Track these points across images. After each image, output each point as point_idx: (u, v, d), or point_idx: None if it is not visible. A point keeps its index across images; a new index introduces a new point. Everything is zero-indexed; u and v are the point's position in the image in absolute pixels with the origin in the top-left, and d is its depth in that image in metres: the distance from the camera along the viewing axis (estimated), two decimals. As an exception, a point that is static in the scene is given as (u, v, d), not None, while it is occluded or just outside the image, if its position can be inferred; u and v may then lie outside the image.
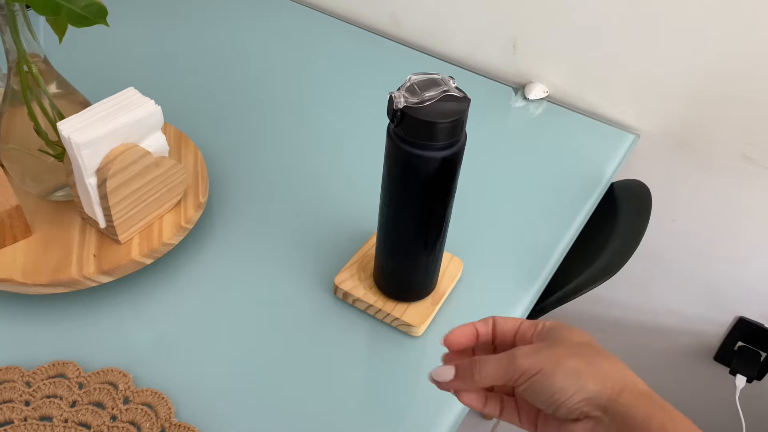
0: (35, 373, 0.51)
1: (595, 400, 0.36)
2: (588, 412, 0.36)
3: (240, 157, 0.73)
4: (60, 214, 0.60)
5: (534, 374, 0.36)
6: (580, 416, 0.36)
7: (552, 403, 0.36)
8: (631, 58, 0.79)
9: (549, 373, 0.36)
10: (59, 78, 0.57)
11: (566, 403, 0.36)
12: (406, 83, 0.45)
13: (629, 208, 0.75)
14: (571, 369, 0.36)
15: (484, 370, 0.38)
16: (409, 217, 0.51)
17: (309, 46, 0.92)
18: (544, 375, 0.36)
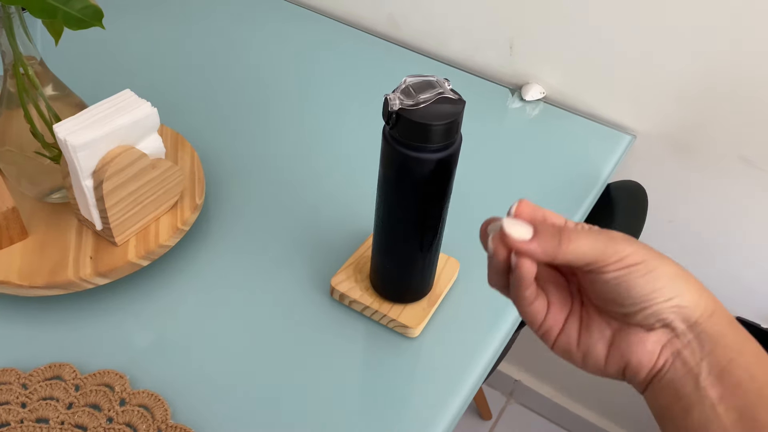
0: (32, 375, 0.51)
1: (687, 311, 0.33)
2: (671, 322, 0.33)
3: (236, 159, 0.73)
4: (56, 216, 0.60)
5: (634, 264, 0.32)
6: (659, 324, 0.33)
7: (642, 301, 0.32)
8: (627, 60, 0.79)
9: (652, 267, 0.32)
10: (55, 80, 0.58)
11: (658, 306, 0.32)
12: (401, 85, 0.45)
13: (626, 208, 0.75)
14: (674, 272, 0.33)
15: (576, 241, 0.33)
16: (405, 218, 0.51)
17: (307, 47, 0.92)
18: (647, 268, 0.32)
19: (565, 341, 0.36)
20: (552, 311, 0.37)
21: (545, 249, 0.33)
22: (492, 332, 0.58)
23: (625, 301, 0.33)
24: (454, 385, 0.54)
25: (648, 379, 0.34)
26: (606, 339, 0.35)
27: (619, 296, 0.33)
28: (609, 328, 0.35)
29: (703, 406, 0.31)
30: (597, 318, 0.36)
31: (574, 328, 0.37)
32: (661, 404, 0.33)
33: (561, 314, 0.37)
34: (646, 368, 0.34)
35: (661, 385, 0.33)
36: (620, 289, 0.33)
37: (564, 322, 0.37)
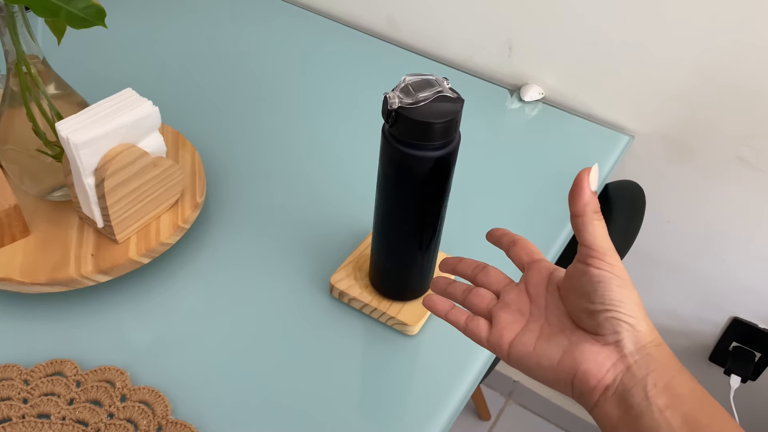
0: (33, 371, 0.52)
1: (639, 335, 0.36)
2: (623, 340, 0.36)
3: (237, 158, 0.74)
4: (58, 214, 0.61)
5: (618, 275, 0.36)
6: (613, 338, 0.36)
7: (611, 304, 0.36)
8: (625, 61, 0.79)
9: (627, 286, 0.36)
10: (58, 79, 0.58)
11: (621, 315, 0.36)
12: (400, 84, 0.46)
13: (623, 209, 0.75)
14: (639, 301, 0.37)
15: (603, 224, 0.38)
16: (404, 216, 0.51)
17: (306, 47, 0.92)
18: (624, 284, 0.36)
19: (521, 348, 0.40)
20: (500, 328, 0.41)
21: (593, 207, 0.38)
22: (490, 330, 0.59)
23: (597, 299, 0.36)
24: (452, 383, 0.55)
25: (597, 393, 0.36)
26: (562, 347, 0.38)
27: (594, 292, 0.36)
28: (567, 340, 0.38)
29: (652, 412, 0.34)
30: (558, 332, 0.39)
31: (532, 336, 0.40)
32: (612, 417, 0.36)
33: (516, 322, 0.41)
34: (595, 379, 0.36)
35: (612, 399, 0.36)
36: (599, 286, 0.36)
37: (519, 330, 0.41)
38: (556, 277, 0.42)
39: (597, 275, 0.37)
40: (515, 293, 0.43)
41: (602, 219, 0.38)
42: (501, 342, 0.41)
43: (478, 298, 0.44)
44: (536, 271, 0.43)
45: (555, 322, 0.40)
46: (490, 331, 0.42)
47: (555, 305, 0.41)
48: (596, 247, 0.37)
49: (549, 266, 0.43)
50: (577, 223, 0.38)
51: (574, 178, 0.40)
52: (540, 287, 0.42)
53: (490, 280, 0.45)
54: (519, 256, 0.45)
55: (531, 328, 0.40)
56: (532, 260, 0.44)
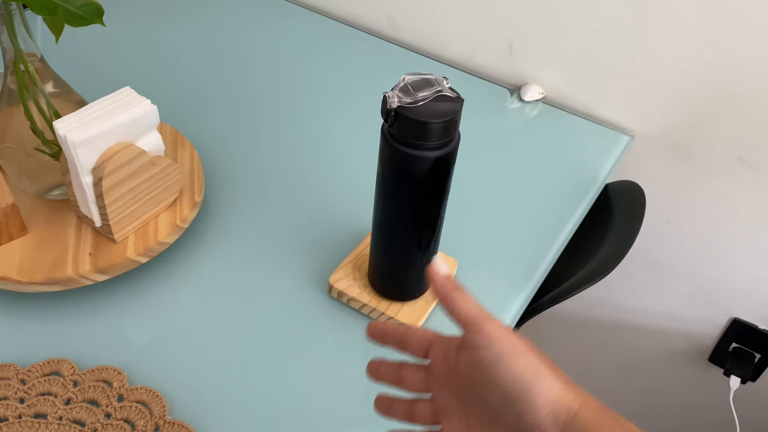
0: (30, 371, 0.52)
1: (557, 411, 0.33)
2: (543, 426, 0.32)
3: (236, 157, 0.73)
4: (56, 213, 0.60)
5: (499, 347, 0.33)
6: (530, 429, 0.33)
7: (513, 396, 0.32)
8: (626, 61, 0.79)
9: (515, 355, 0.33)
10: (56, 77, 0.58)
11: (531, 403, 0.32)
12: (399, 83, 0.46)
13: (623, 209, 0.75)
14: (535, 370, 0.33)
15: (468, 296, 0.36)
16: (403, 216, 0.51)
17: (306, 46, 0.92)
18: (511, 355, 0.33)
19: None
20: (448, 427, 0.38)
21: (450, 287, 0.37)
22: (489, 331, 0.58)
23: (498, 404, 0.33)
24: (451, 383, 0.54)
25: None
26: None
27: (493, 395, 0.33)
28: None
29: None
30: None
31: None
32: None
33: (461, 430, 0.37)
34: None
35: None
36: (494, 384, 0.33)
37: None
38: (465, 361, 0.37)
39: (480, 360, 0.34)
40: (439, 393, 0.39)
41: (464, 292, 0.37)
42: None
43: (419, 417, 0.40)
44: (440, 363, 0.39)
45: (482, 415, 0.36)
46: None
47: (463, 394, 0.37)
48: (468, 321, 0.35)
49: (448, 346, 0.38)
50: (444, 305, 0.37)
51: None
52: (449, 378, 0.38)
53: (412, 387, 0.41)
54: (413, 351, 0.41)
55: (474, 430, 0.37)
56: (427, 346, 0.40)
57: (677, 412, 1.09)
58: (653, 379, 1.07)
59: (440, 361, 0.39)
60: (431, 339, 0.40)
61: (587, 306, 1.05)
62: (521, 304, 0.62)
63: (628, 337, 1.04)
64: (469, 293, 0.37)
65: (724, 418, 1.02)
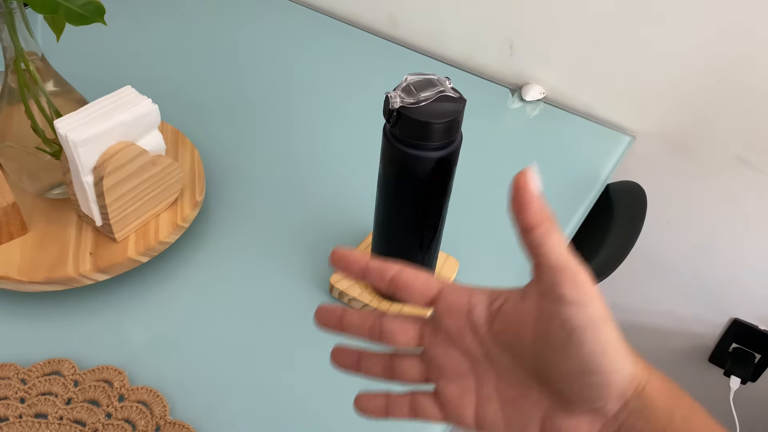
0: (31, 371, 0.51)
1: (626, 387, 0.29)
2: (606, 404, 0.29)
3: (237, 156, 0.73)
4: (56, 212, 0.60)
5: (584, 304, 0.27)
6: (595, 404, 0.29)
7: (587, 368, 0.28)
8: (627, 60, 0.79)
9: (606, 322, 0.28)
10: (56, 76, 0.58)
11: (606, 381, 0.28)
12: (402, 83, 0.46)
13: (625, 209, 0.75)
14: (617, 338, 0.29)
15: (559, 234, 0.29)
16: (405, 217, 0.51)
17: (307, 45, 0.92)
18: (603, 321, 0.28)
19: (488, 424, 0.31)
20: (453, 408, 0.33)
21: (546, 216, 0.29)
22: (490, 331, 0.58)
23: (574, 360, 0.28)
24: (452, 384, 0.54)
25: None
26: (536, 420, 0.31)
27: (568, 351, 0.28)
28: (538, 409, 0.31)
29: None
30: (522, 395, 0.31)
31: (494, 408, 0.32)
32: None
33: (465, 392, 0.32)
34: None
35: None
36: (574, 340, 0.28)
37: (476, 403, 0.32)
38: (480, 314, 0.32)
39: (570, 319, 0.28)
40: (441, 350, 0.33)
41: (558, 228, 0.30)
42: (463, 422, 0.32)
43: (406, 374, 0.34)
44: (449, 317, 0.32)
45: (509, 378, 0.31)
46: (442, 410, 0.33)
47: (496, 354, 0.31)
48: (562, 267, 0.28)
49: (460, 299, 0.32)
50: (531, 238, 0.30)
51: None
52: (464, 335, 0.32)
53: (400, 343, 0.34)
54: (412, 300, 0.33)
55: (486, 395, 0.32)
56: (430, 298, 0.33)
57: (677, 412, 1.09)
58: (653, 379, 1.07)
59: (455, 313, 0.32)
60: (440, 287, 0.33)
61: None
62: (522, 305, 0.62)
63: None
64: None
65: (724, 418, 1.02)
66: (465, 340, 0.32)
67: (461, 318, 0.32)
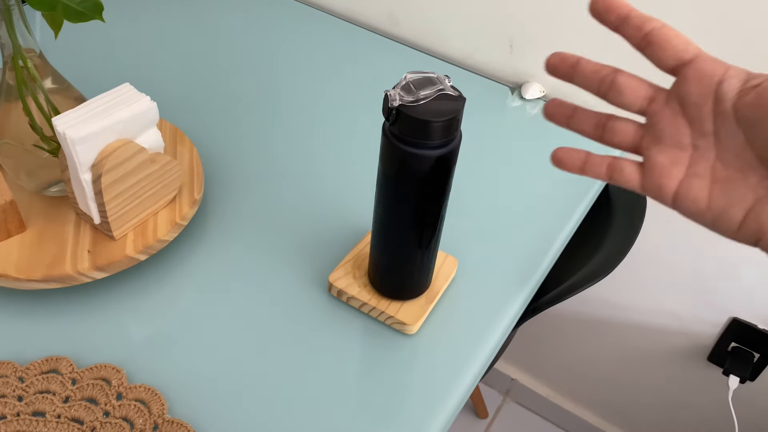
0: (28, 369, 0.51)
1: None
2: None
3: (236, 155, 0.73)
4: (54, 210, 0.60)
5: None
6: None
7: None
8: (627, 58, 0.79)
9: None
10: (54, 73, 0.57)
11: None
12: (401, 81, 0.45)
13: (624, 209, 0.75)
14: None
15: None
16: (404, 215, 0.51)
17: (306, 43, 0.92)
18: None
19: (690, 204, 0.30)
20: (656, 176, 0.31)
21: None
22: (489, 330, 0.58)
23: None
24: (451, 383, 0.54)
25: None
26: (745, 204, 0.29)
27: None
28: (752, 192, 0.29)
29: None
30: (737, 177, 0.29)
31: (701, 185, 0.30)
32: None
33: (677, 163, 0.30)
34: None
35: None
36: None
37: (684, 176, 0.30)
38: (732, 86, 0.29)
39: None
40: (667, 116, 0.31)
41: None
42: (662, 193, 0.31)
43: (618, 135, 0.32)
44: (695, 82, 0.30)
45: (731, 158, 0.29)
46: (643, 177, 0.31)
47: (729, 131, 0.29)
48: None
49: (714, 69, 0.30)
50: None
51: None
52: (703, 105, 0.30)
53: (627, 99, 0.32)
54: (660, 58, 0.32)
55: (698, 171, 0.30)
56: (682, 61, 0.31)
57: (676, 411, 1.10)
58: (652, 378, 1.07)
59: (704, 79, 0.31)
60: (698, 52, 0.31)
61: (587, 304, 1.05)
62: (522, 303, 0.62)
63: (628, 336, 1.04)
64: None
65: (722, 417, 1.02)
66: (702, 109, 0.30)
67: (709, 85, 0.30)
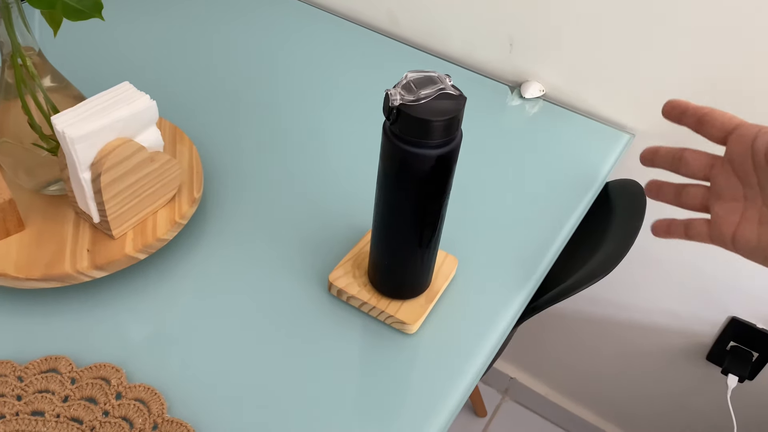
0: (27, 368, 0.51)
1: None
2: None
3: (235, 153, 0.73)
4: (53, 209, 0.60)
5: None
6: None
7: None
8: (627, 59, 0.79)
9: None
10: (54, 71, 0.57)
11: None
12: (402, 81, 0.45)
13: (624, 207, 0.75)
14: None
15: None
16: (404, 214, 0.51)
17: (306, 42, 0.91)
18: None
19: (744, 243, 0.38)
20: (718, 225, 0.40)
21: None
22: (489, 329, 0.58)
23: None
24: (451, 382, 0.54)
25: None
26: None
27: None
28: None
29: None
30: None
31: (752, 226, 0.37)
32: None
33: (733, 212, 0.39)
34: None
35: None
36: None
37: (739, 222, 0.38)
38: (763, 143, 0.37)
39: None
40: (723, 177, 0.39)
41: None
42: (724, 239, 0.39)
43: (690, 198, 0.42)
44: (737, 144, 0.38)
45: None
46: (710, 229, 0.40)
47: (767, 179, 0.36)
48: None
49: (750, 131, 0.38)
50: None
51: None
52: (746, 162, 0.38)
53: (693, 169, 0.42)
54: (711, 133, 0.41)
55: (749, 216, 0.37)
56: (728, 132, 0.39)
57: (675, 410, 1.10)
58: (651, 376, 1.08)
59: (743, 139, 0.38)
60: (739, 122, 0.40)
61: (586, 303, 1.05)
62: (522, 302, 0.62)
63: (627, 335, 1.04)
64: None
65: (721, 416, 1.02)
66: (745, 165, 0.38)
67: (747, 144, 0.38)
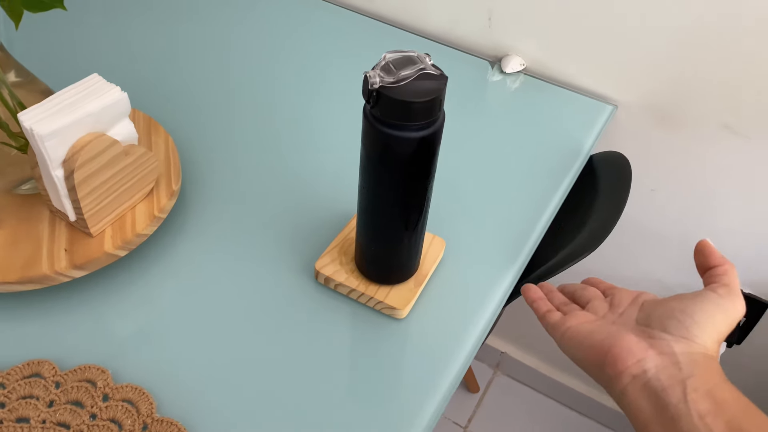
0: (9, 374, 0.50)
1: (691, 344, 0.38)
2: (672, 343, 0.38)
3: (212, 143, 0.71)
4: (27, 208, 0.58)
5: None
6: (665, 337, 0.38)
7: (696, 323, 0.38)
8: (608, 29, 0.78)
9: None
10: (18, 66, 0.55)
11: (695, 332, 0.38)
12: (381, 62, 0.44)
13: (609, 179, 0.75)
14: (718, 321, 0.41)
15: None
16: (389, 198, 0.50)
17: (280, 24, 0.89)
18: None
19: (573, 332, 0.44)
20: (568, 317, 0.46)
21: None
22: (480, 310, 0.58)
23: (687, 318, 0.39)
24: (443, 365, 0.54)
25: (624, 379, 0.37)
26: (610, 333, 0.41)
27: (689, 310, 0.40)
28: (619, 329, 0.41)
29: (691, 417, 0.33)
30: (619, 326, 0.42)
31: (591, 327, 0.44)
32: (643, 411, 0.35)
33: (578, 319, 0.46)
34: (622, 364, 0.37)
35: (642, 392, 0.36)
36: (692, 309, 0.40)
37: (580, 323, 0.45)
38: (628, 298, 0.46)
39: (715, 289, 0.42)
40: (599, 302, 0.47)
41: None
42: (562, 326, 0.45)
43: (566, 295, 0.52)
44: (618, 295, 0.47)
45: (622, 321, 0.43)
46: (559, 319, 0.46)
47: (631, 313, 0.43)
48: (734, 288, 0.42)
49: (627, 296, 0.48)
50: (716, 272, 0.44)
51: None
52: (625, 300, 0.46)
53: (583, 301, 0.50)
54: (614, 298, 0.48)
55: (596, 322, 0.44)
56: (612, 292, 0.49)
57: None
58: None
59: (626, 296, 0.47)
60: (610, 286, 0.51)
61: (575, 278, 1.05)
62: (512, 280, 0.61)
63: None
64: None
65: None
66: (622, 303, 0.46)
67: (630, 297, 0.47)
